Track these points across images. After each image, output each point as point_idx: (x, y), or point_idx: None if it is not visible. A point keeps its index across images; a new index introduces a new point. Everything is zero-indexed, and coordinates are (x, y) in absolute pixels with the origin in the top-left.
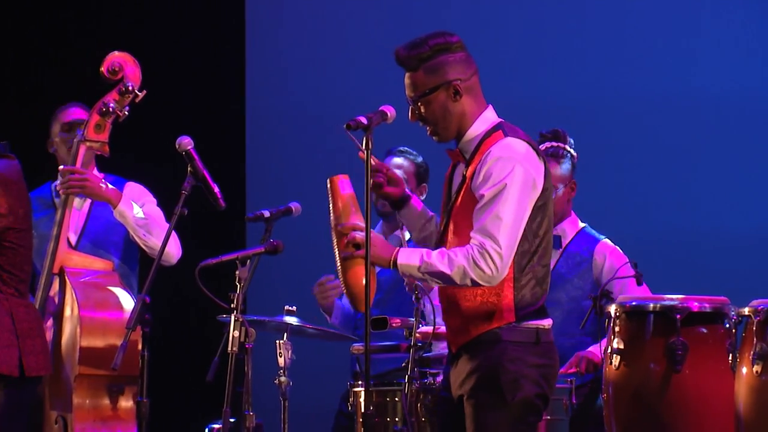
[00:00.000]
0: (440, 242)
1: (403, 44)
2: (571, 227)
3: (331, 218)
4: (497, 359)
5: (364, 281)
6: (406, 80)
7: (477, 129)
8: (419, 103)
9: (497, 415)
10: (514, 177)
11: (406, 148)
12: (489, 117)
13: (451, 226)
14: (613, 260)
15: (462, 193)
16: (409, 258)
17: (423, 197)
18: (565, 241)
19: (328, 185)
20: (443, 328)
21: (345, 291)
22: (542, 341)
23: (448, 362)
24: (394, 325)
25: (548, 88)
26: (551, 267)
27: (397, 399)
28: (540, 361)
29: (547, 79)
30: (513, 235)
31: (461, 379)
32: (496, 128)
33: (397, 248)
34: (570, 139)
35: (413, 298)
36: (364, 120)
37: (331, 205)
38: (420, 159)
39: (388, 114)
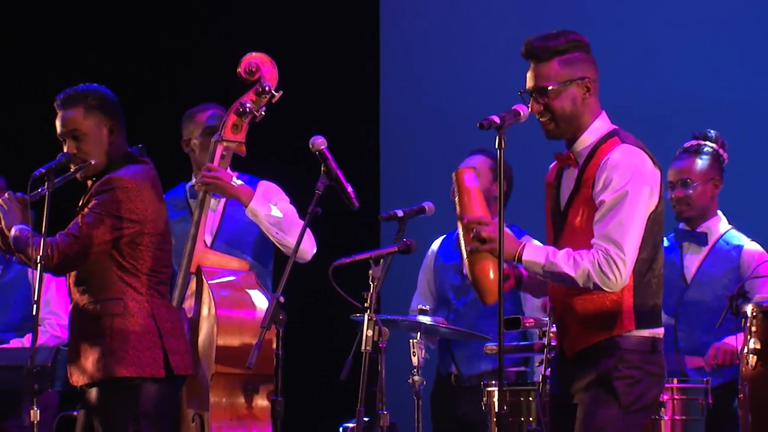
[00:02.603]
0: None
1: (534, 36)
2: (717, 226)
3: (457, 211)
4: (614, 365)
5: (491, 274)
6: (534, 71)
7: (591, 134)
8: (548, 95)
9: (610, 417)
10: (634, 184)
11: (485, 148)
12: (603, 123)
13: (567, 231)
14: (755, 260)
15: (576, 198)
16: (534, 254)
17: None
18: (711, 240)
19: (454, 178)
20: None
21: (472, 284)
22: (657, 350)
23: (559, 363)
24: (527, 324)
25: (694, 87)
26: (697, 264)
27: (531, 399)
28: (652, 369)
29: (693, 78)
30: (636, 242)
31: (576, 384)
32: (611, 134)
33: (524, 243)
34: (720, 138)
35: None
36: (497, 119)
37: (456, 199)
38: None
39: (521, 113)
